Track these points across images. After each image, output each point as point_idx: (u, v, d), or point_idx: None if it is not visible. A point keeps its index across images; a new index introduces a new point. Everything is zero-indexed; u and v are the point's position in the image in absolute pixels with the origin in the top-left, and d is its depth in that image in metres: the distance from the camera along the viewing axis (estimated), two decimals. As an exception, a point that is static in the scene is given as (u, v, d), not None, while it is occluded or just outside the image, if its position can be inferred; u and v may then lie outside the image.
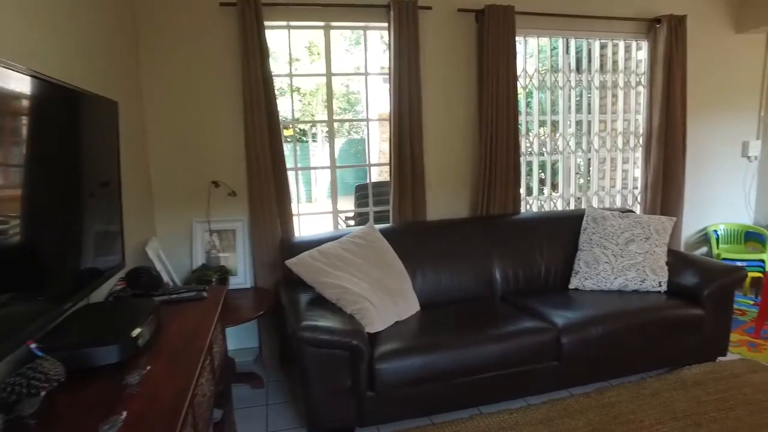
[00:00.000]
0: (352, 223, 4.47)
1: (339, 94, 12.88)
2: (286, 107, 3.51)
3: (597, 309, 2.59)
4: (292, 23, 3.13)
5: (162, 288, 1.98)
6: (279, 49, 3.25)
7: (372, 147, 8.22)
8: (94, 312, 1.57)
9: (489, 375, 2.33)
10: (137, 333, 1.36)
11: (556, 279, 3.09)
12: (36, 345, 1.17)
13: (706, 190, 4.20)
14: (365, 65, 3.37)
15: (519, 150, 3.40)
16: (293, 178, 3.66)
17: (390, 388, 2.18)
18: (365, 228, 2.81)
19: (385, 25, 3.13)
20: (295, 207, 3.33)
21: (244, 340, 3.25)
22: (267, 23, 2.94)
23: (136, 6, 2.79)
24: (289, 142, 12.74)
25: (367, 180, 3.69)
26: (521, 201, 3.51)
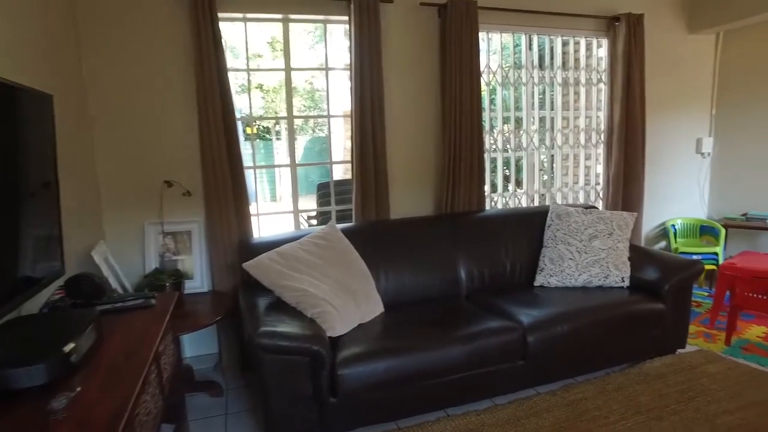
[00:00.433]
0: (314, 223, 4.36)
1: (303, 91, 12.67)
2: (247, 104, 3.37)
3: (562, 306, 2.58)
4: (248, 15, 3.00)
5: (107, 296, 1.84)
6: (240, 45, 3.12)
7: (337, 144, 8.10)
8: (23, 325, 1.42)
9: (455, 377, 2.28)
10: (70, 348, 1.23)
11: (521, 276, 3.08)
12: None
13: (663, 185, 4.30)
14: (326, 60, 3.27)
15: (483, 146, 3.38)
16: (255, 176, 3.54)
17: (353, 393, 2.11)
18: (326, 228, 2.72)
19: (346, 19, 3.04)
20: (258, 206, 3.22)
21: (202, 346, 3.11)
22: (221, 14, 2.80)
23: (76, -7, 2.60)
24: (252, 140, 12.49)
25: (332, 178, 3.59)
26: (486, 198, 3.49)
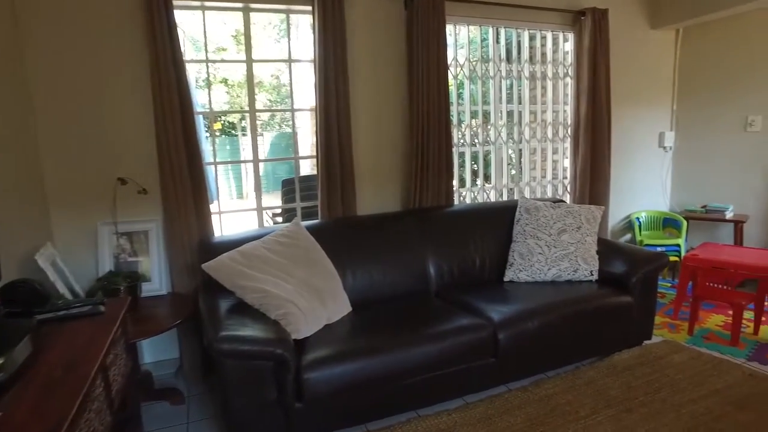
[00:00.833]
0: (279, 220, 4.24)
1: (269, 86, 12.42)
2: (211, 98, 3.23)
3: (532, 302, 2.56)
4: (206, 3, 2.86)
5: (50, 303, 1.69)
6: (201, 36, 2.97)
7: (304, 139, 7.96)
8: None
9: (426, 376, 2.22)
10: (-2, 364, 1.11)
11: (491, 271, 3.05)
12: None
13: (629, 179, 4.37)
14: (289, 51, 3.16)
15: (451, 141, 3.33)
16: (216, 173, 3.40)
17: (320, 398, 2.02)
18: (290, 225, 2.62)
19: (310, 9, 2.93)
20: (220, 204, 3.08)
21: (162, 351, 2.96)
22: (177, 2, 2.66)
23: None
24: (217, 136, 12.16)
25: (299, 174, 3.48)
26: (454, 193, 3.45)
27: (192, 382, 2.80)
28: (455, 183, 3.55)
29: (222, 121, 12.54)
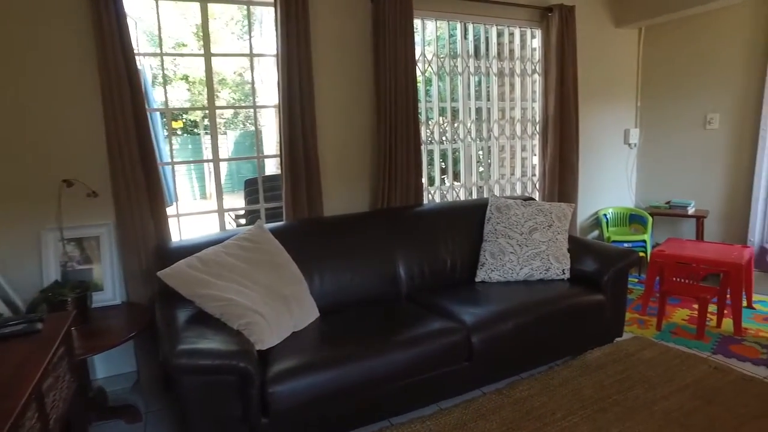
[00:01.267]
0: (243, 222, 4.07)
1: (233, 83, 12.11)
2: (169, 94, 3.03)
3: (505, 303, 2.51)
4: (159, -8, 2.68)
5: (-20, 320, 1.52)
6: (158, 28, 2.79)
7: (269, 138, 7.74)
8: None
9: (398, 384, 2.14)
10: None
11: (462, 272, 2.99)
12: None
13: (596, 175, 4.40)
14: (250, 46, 3.01)
15: (420, 138, 3.25)
16: (173, 173, 3.22)
17: (287, 412, 1.90)
18: (253, 228, 2.48)
19: (272, 1, 2.80)
20: (179, 207, 2.91)
21: (118, 365, 2.77)
22: (127, -9, 2.48)
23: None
24: (179, 134, 11.76)
25: (264, 173, 3.34)
26: (423, 192, 3.37)
27: (150, 397, 2.63)
28: (424, 181, 3.48)
29: (183, 120, 12.14)
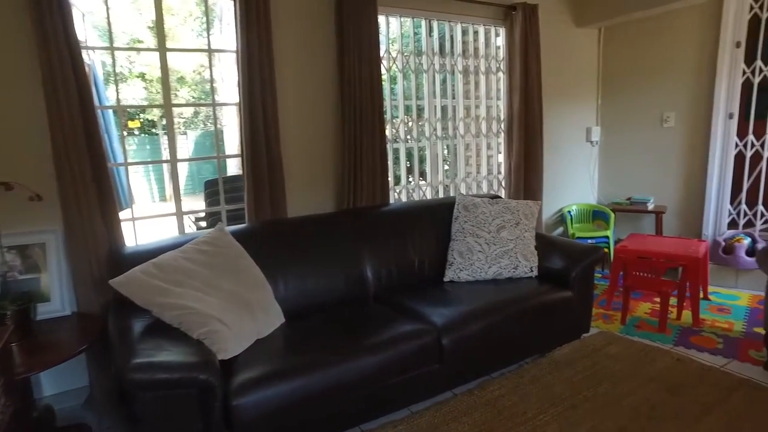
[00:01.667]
0: (203, 225, 3.91)
1: (192, 82, 11.76)
2: (124, 92, 2.85)
3: (475, 303, 2.48)
4: (107, -17, 2.53)
5: None
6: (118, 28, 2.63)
7: (232, 137, 7.52)
8: None
9: (368, 389, 2.07)
10: None
11: (431, 272, 2.95)
12: None
13: (560, 173, 4.46)
14: (208, 41, 2.88)
15: (385, 136, 3.19)
16: (140, 174, 3.04)
17: (252, 424, 1.81)
18: (213, 231, 2.36)
19: (230, -7, 2.68)
20: (143, 208, 2.75)
21: (68, 380, 2.59)
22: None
23: None
24: (136, 134, 11.32)
25: (226, 174, 3.20)
26: (389, 191, 3.32)
27: (104, 413, 2.46)
28: (390, 181, 3.43)
29: (141, 119, 11.69)
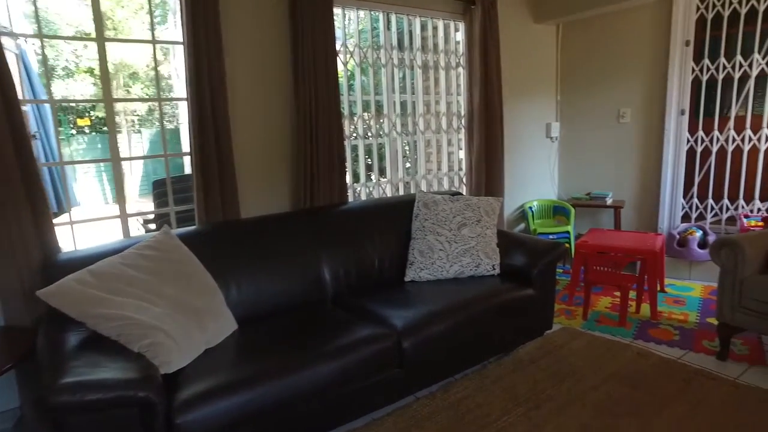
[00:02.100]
0: (152, 228, 3.71)
1: (145, 77, 11.31)
2: (74, 89, 2.64)
3: (436, 303, 2.40)
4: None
5: None
6: (57, 20, 2.40)
7: (187, 135, 7.26)
8: None
9: (326, 398, 1.97)
10: None
11: (391, 271, 2.86)
12: None
13: (520, 169, 4.46)
14: (152, 31, 2.70)
15: (343, 133, 3.09)
16: (92, 174, 2.82)
17: (200, 443, 1.68)
18: (158, 235, 2.20)
19: (173, -19, 2.51)
20: (90, 211, 2.54)
21: (-4, 401, 2.38)
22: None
23: None
24: (86, 133, 10.79)
25: (183, 173, 3.01)
26: (348, 189, 3.22)
27: (39, 434, 2.27)
28: (349, 178, 3.32)
29: (91, 117, 11.15)
